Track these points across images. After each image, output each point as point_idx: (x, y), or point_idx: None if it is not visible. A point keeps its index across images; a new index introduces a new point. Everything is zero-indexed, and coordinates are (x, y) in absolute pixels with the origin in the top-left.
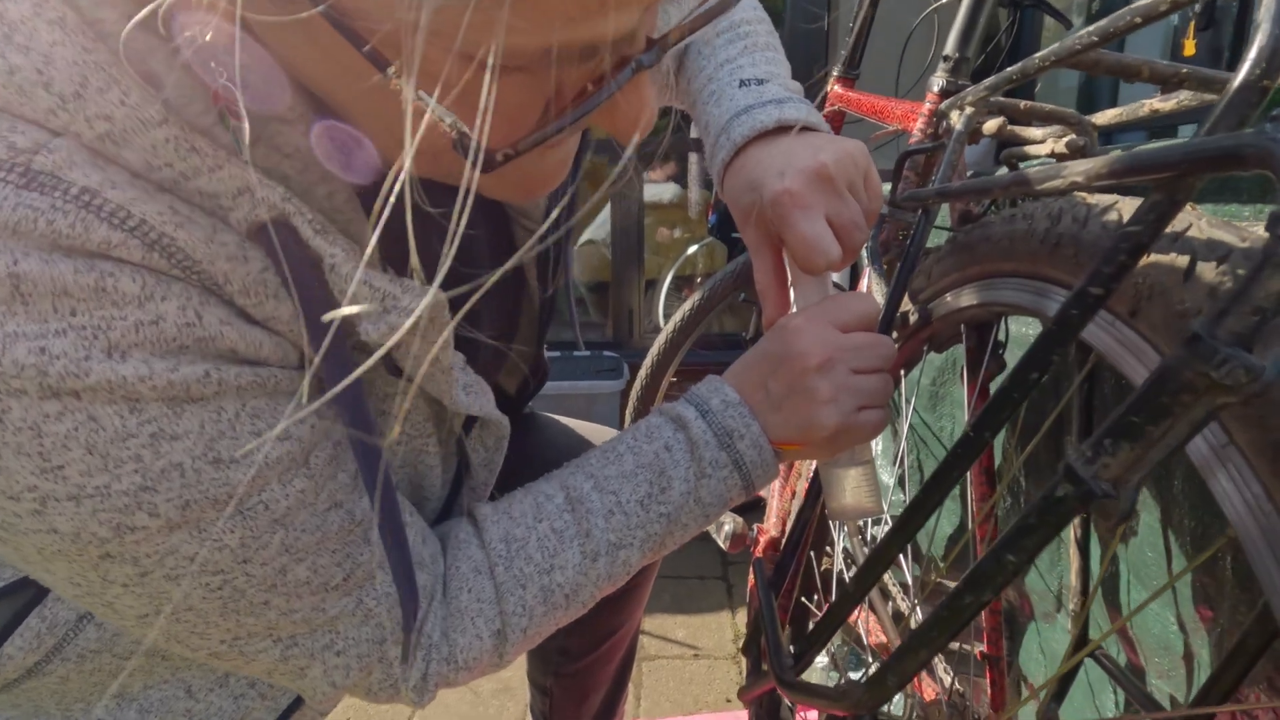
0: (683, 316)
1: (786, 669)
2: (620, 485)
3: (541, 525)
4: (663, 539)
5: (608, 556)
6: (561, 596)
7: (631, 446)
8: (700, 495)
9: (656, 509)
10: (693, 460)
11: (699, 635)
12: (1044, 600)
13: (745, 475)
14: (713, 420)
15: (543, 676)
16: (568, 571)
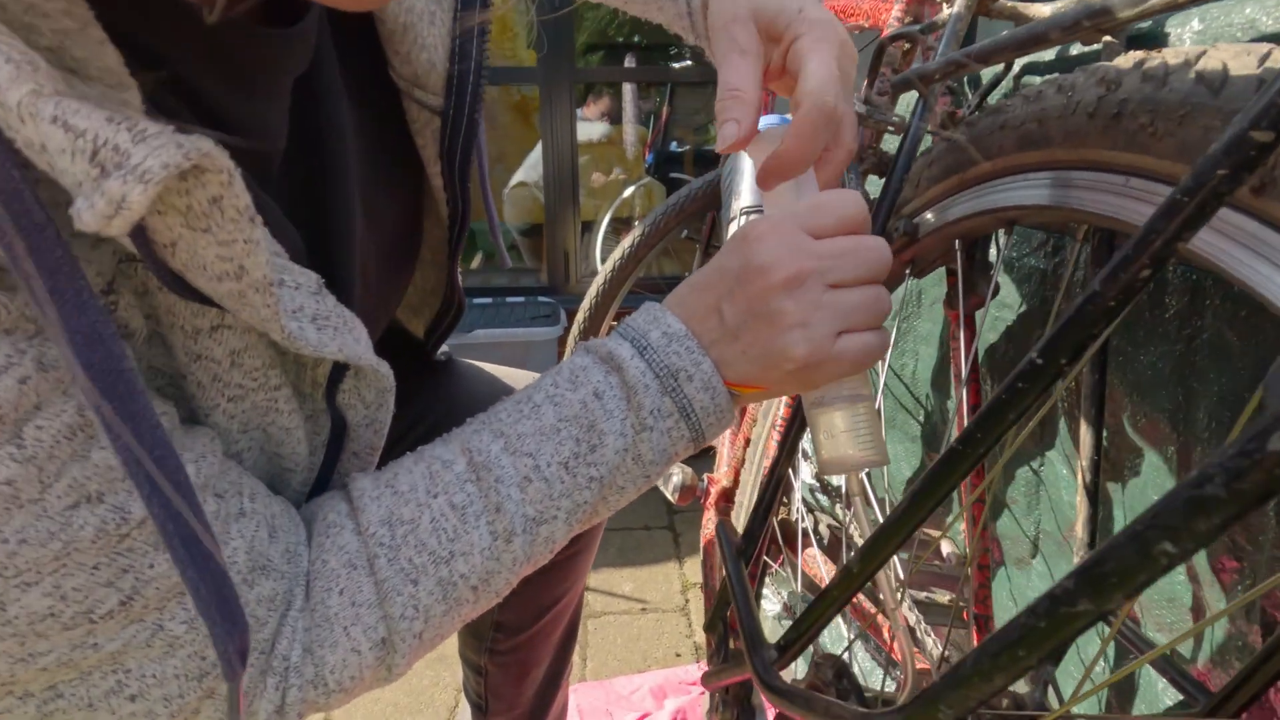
0: (622, 255)
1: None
2: (538, 445)
3: (437, 501)
4: (595, 507)
5: (525, 535)
6: (467, 589)
7: (551, 395)
8: (640, 452)
9: (585, 472)
10: (629, 410)
11: (646, 588)
12: (1017, 545)
13: (695, 425)
14: (653, 358)
15: (476, 655)
16: (474, 558)
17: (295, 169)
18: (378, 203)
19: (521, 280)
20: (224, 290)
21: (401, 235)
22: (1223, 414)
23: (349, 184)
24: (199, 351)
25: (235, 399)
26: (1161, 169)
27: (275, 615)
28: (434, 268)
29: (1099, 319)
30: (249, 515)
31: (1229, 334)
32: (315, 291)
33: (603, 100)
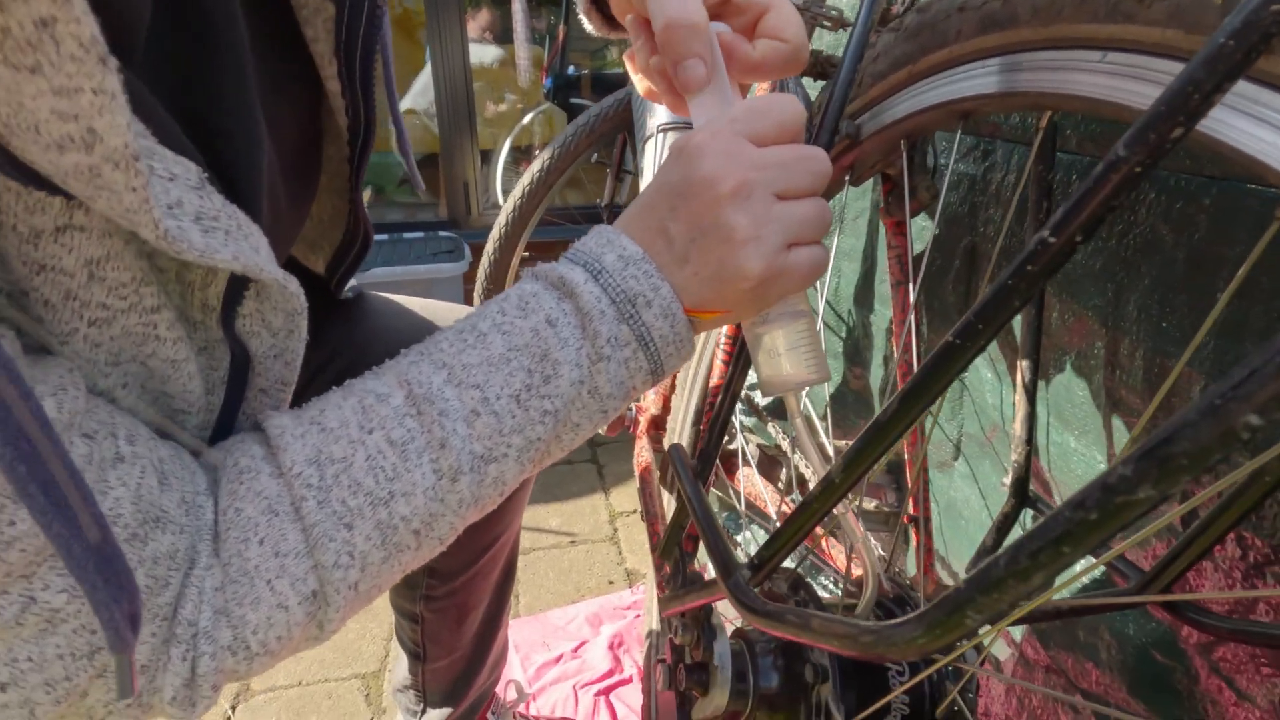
0: (530, 182)
1: (747, 589)
2: (486, 376)
3: (373, 437)
4: (548, 445)
5: (473, 474)
6: (409, 534)
7: (499, 324)
8: (597, 385)
9: (539, 405)
10: (585, 338)
11: (574, 521)
12: (940, 450)
13: (653, 356)
14: (609, 283)
15: (410, 603)
16: (416, 499)
17: (170, 48)
18: (277, 108)
19: (419, 215)
20: (68, 165)
21: (302, 151)
22: (1151, 306)
23: (245, 82)
24: (42, 260)
25: (99, 323)
26: (1149, 38)
27: (177, 575)
28: (331, 194)
29: (1123, 186)
30: (129, 460)
31: (1162, 227)
32: (196, 186)
33: (483, 13)
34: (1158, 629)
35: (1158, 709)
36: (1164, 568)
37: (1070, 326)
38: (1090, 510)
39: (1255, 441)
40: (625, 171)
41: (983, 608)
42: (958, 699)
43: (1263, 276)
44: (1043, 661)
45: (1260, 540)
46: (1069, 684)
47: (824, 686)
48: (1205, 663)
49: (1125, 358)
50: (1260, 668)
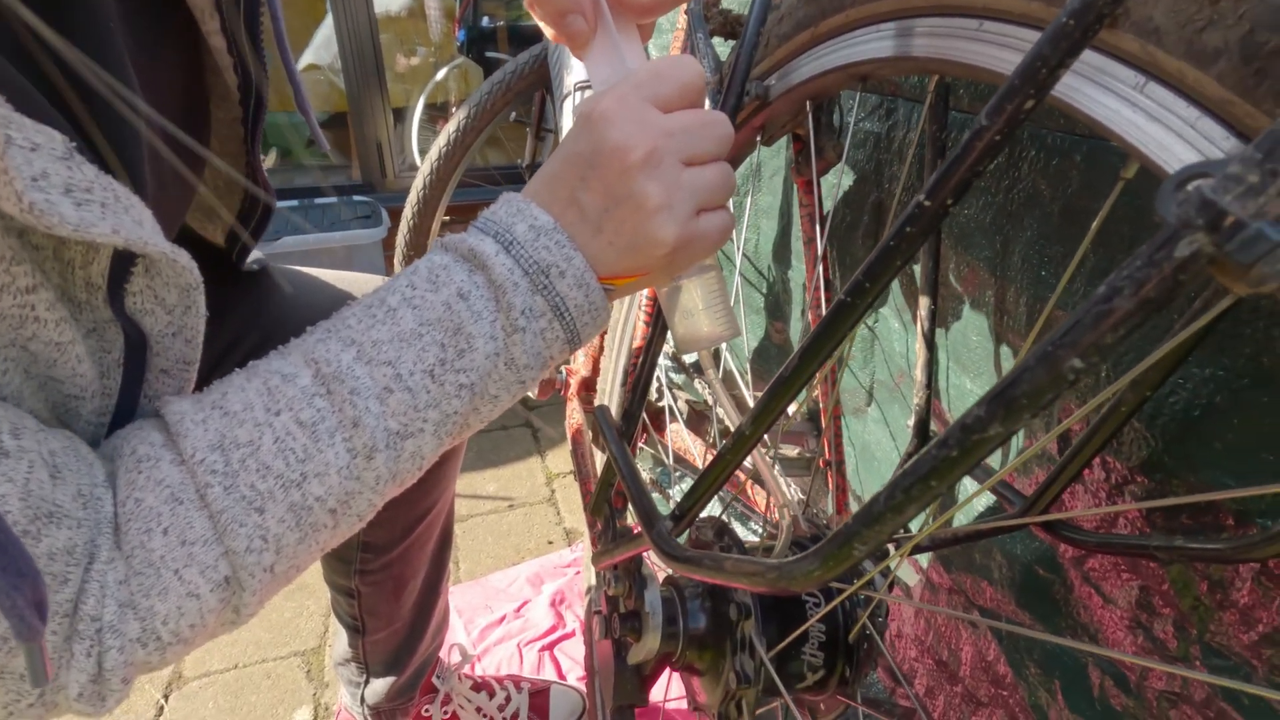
0: (447, 143)
1: (668, 538)
2: (398, 352)
3: (280, 419)
4: (465, 418)
5: (390, 450)
6: (324, 513)
7: (409, 298)
8: (513, 356)
9: (454, 379)
10: (499, 310)
11: (511, 486)
12: (854, 397)
13: (569, 325)
14: (520, 254)
15: (344, 578)
16: (330, 479)
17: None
18: (154, 71)
19: (330, 178)
20: None
21: (187, 115)
22: (1033, 255)
23: (112, 43)
24: None
25: None
26: (1016, 9)
27: (76, 570)
28: (225, 160)
29: (986, 153)
30: (15, 455)
31: (1041, 182)
32: (64, 156)
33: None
34: (1040, 548)
35: (1041, 617)
36: (1041, 493)
37: (965, 277)
38: (952, 448)
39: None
40: (546, 130)
41: (867, 539)
42: (868, 623)
43: (1123, 225)
44: (945, 584)
45: (1120, 463)
46: (968, 603)
47: (747, 623)
48: (1078, 574)
49: (1011, 304)
50: (1121, 574)
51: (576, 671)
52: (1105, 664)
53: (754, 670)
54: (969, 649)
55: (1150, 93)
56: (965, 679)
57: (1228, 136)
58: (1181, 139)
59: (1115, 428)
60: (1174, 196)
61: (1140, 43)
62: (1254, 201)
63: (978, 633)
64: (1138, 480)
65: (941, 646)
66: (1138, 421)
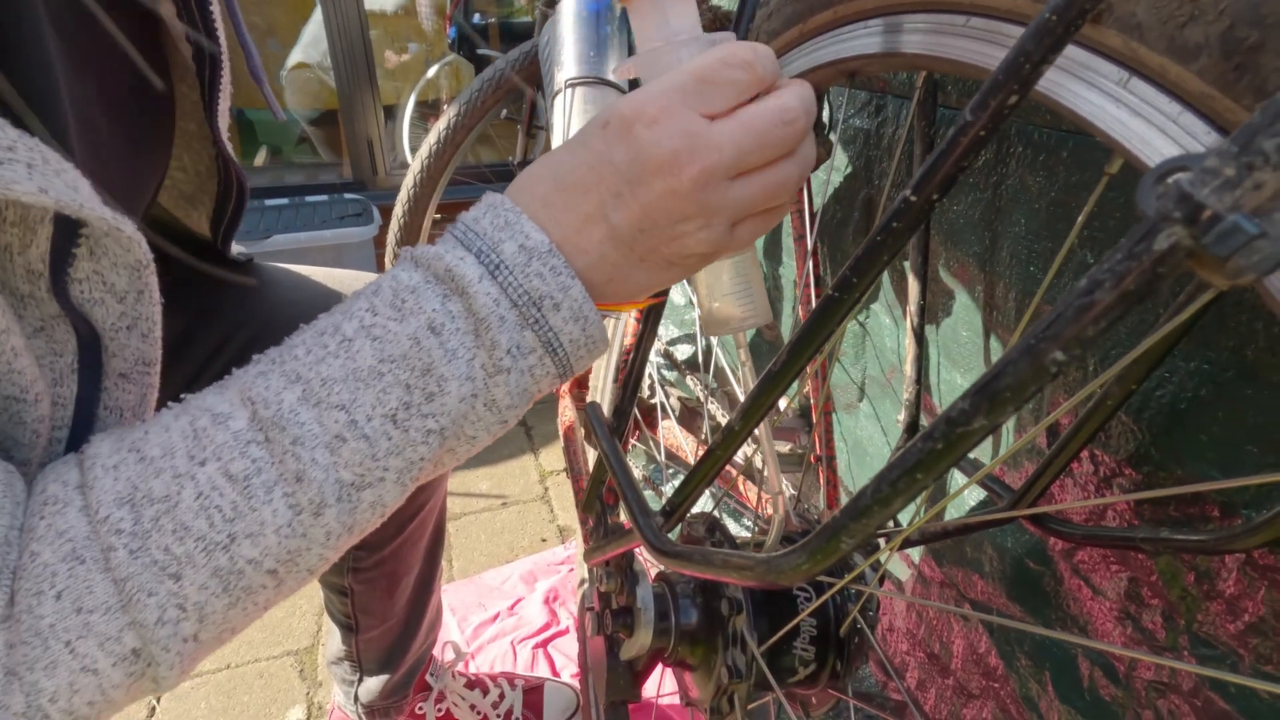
0: (437, 141)
1: (659, 534)
2: (353, 394)
3: (206, 470)
4: (436, 461)
5: (342, 504)
6: (262, 574)
7: (368, 327)
8: (494, 397)
9: (421, 425)
10: (479, 347)
11: (504, 483)
12: (846, 393)
13: (561, 360)
14: (509, 281)
15: (337, 577)
16: (266, 539)
17: None
18: (86, 38)
19: (321, 176)
20: None
21: (139, 87)
22: (1021, 250)
23: (27, 6)
24: None
25: None
26: (1001, 5)
27: None
28: (202, 140)
29: (971, 149)
30: None
31: (1029, 178)
32: None
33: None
34: (1030, 541)
35: (1031, 609)
36: (1029, 486)
37: (955, 272)
38: (937, 441)
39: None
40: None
41: (854, 533)
42: (859, 618)
43: (1109, 220)
44: (937, 578)
45: (1108, 457)
46: (960, 596)
47: (739, 618)
48: (1068, 566)
49: (1000, 299)
50: (1110, 566)
51: (570, 668)
52: (1094, 655)
53: (746, 665)
54: (960, 642)
55: (1133, 88)
56: (957, 671)
57: (1209, 131)
58: (1164, 134)
59: (1101, 421)
60: (1153, 190)
61: (1123, 38)
62: (1230, 194)
63: (969, 625)
64: (1126, 473)
65: (933, 640)
66: (1125, 415)
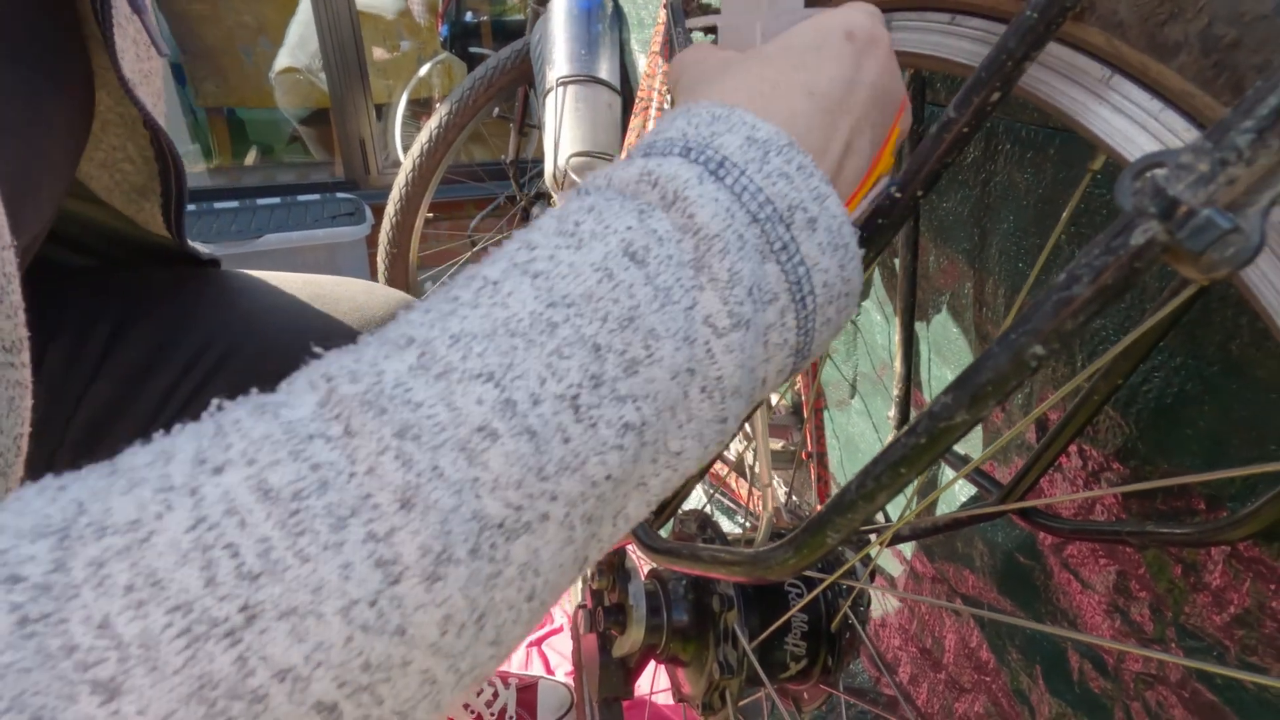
0: (429, 139)
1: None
2: (508, 356)
3: (217, 482)
4: (604, 509)
5: (478, 562)
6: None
7: (523, 263)
8: (718, 374)
9: (614, 416)
10: (700, 284)
11: None
12: (838, 389)
13: (805, 325)
14: (739, 182)
15: None
16: (317, 633)
17: None
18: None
19: (312, 175)
20: None
21: (41, 50)
22: (1010, 247)
23: None
24: None
25: None
26: (986, 3)
27: None
28: (138, 121)
29: (955, 145)
30: None
31: (1017, 175)
32: None
33: None
34: (1020, 536)
35: (1021, 604)
36: (1017, 482)
37: (945, 269)
38: (920, 436)
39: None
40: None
41: (839, 527)
42: (849, 613)
43: (1095, 217)
44: (929, 573)
45: (1097, 451)
46: (951, 591)
47: (730, 614)
48: (1057, 560)
49: (990, 296)
50: (1099, 559)
51: (565, 666)
52: (1084, 648)
53: (737, 660)
54: (952, 636)
55: (1115, 85)
56: (949, 666)
57: (1189, 128)
58: (1145, 130)
59: (1088, 416)
60: (1130, 186)
61: (1106, 36)
62: (1205, 190)
63: (961, 620)
64: (1114, 468)
65: (926, 635)
66: (1113, 410)
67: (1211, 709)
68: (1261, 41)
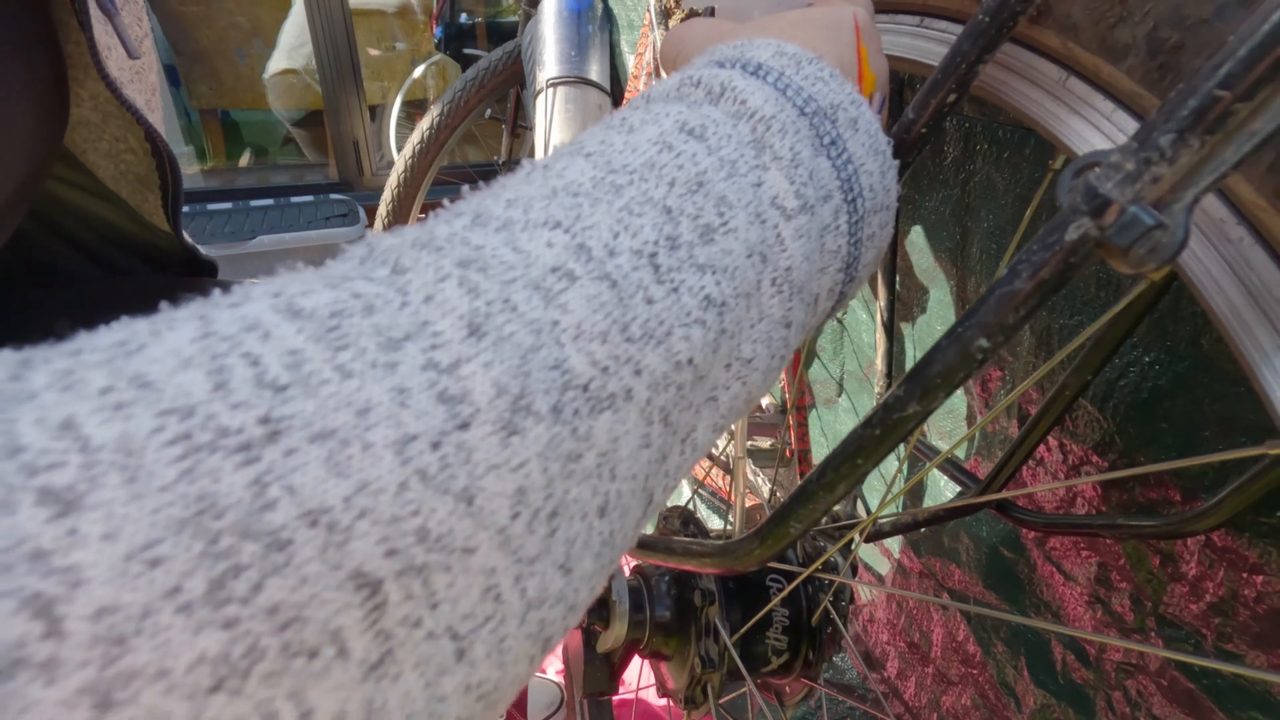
0: (421, 140)
1: None
2: (574, 210)
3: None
4: (689, 400)
5: (560, 425)
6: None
7: (573, 152)
8: (788, 265)
9: (696, 282)
10: (763, 163)
11: None
12: (825, 388)
13: (855, 231)
14: (781, 81)
15: None
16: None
17: None
18: None
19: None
20: None
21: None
22: (990, 245)
23: None
24: None
25: None
26: (952, 6)
27: None
28: (110, 104)
29: (911, 147)
30: None
31: (995, 174)
32: None
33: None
34: (1004, 530)
35: (1006, 597)
36: (995, 476)
37: (927, 270)
38: (875, 427)
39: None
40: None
41: (802, 517)
42: (829, 607)
43: None
44: (916, 569)
45: (1077, 446)
46: (938, 586)
47: (711, 608)
48: (1040, 554)
49: (971, 295)
50: (1080, 552)
51: (557, 665)
52: (1066, 639)
53: (718, 654)
54: (940, 631)
55: (1071, 86)
56: (936, 660)
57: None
58: (1099, 131)
59: (1061, 411)
60: (1069, 184)
61: (1061, 39)
62: (1132, 188)
63: (948, 615)
64: (1093, 460)
65: (913, 629)
66: (1091, 405)
67: (1189, 696)
68: (1203, 45)
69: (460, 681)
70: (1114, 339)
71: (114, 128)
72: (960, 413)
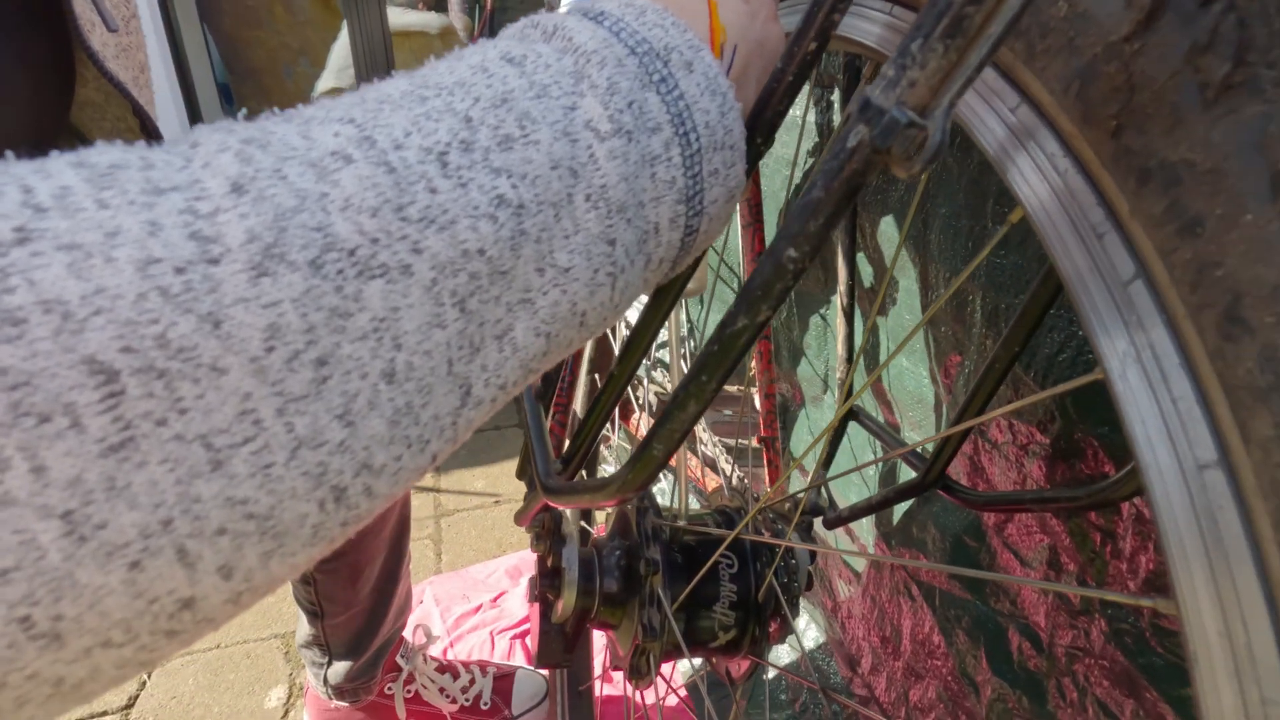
0: None
1: (551, 476)
2: (371, 113)
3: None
4: (499, 296)
5: (317, 276)
6: None
7: (396, 77)
8: (603, 184)
9: (488, 183)
10: (581, 90)
11: (498, 483)
12: (812, 385)
13: (693, 161)
14: (617, 25)
15: None
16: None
17: None
18: None
19: None
20: None
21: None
22: (948, 230)
23: None
24: None
25: None
26: None
27: None
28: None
29: (784, 95)
30: None
31: (949, 159)
32: None
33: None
34: (967, 519)
35: (969, 584)
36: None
37: (898, 260)
38: (714, 344)
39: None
40: None
41: (662, 438)
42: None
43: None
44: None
45: (1023, 425)
46: (908, 575)
47: (655, 577)
48: (999, 541)
49: (935, 281)
50: (1032, 535)
51: None
52: (1021, 627)
53: (660, 624)
54: (909, 622)
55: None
56: (905, 654)
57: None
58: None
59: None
60: (856, 98)
61: None
62: (892, 93)
63: (916, 605)
64: (1039, 439)
65: (885, 623)
66: (1034, 382)
67: (1128, 676)
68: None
69: (218, 490)
70: (1034, 314)
71: (115, 107)
72: (928, 402)
